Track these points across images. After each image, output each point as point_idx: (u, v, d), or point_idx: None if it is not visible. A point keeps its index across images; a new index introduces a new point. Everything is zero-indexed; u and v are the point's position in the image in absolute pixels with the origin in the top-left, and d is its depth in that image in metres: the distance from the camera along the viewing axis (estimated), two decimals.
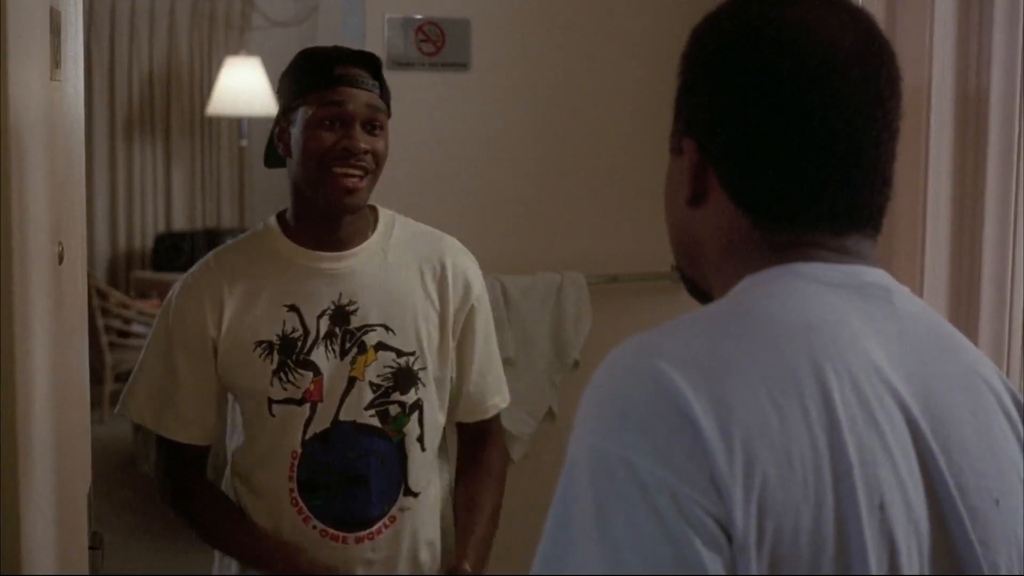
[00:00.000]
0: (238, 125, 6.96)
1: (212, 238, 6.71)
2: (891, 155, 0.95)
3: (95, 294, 5.78)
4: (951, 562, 0.87)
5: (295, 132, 1.76)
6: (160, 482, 1.91)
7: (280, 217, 1.86)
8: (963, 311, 2.21)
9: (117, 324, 5.99)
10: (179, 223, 6.99)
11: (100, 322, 5.82)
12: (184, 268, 7.06)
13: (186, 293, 1.82)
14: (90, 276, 5.96)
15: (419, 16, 2.73)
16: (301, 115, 1.75)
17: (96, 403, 5.66)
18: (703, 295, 1.03)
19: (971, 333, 2.17)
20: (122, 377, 6.00)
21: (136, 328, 6.01)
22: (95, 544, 1.54)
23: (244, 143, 7.01)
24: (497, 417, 1.99)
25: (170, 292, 1.85)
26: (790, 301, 0.90)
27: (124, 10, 6.75)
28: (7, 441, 1.10)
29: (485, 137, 2.84)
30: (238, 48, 6.86)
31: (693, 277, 1.03)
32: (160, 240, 6.73)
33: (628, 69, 2.92)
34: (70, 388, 1.44)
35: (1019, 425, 0.95)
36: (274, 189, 7.04)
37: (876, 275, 0.94)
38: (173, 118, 6.91)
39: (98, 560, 1.54)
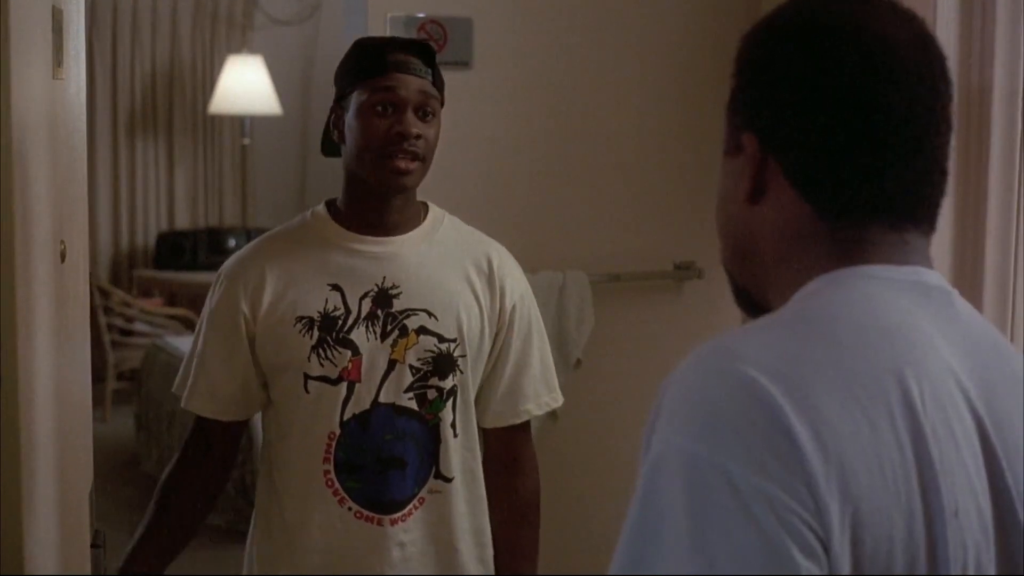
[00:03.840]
0: (240, 124, 6.96)
1: (214, 237, 6.72)
2: (947, 149, 0.96)
3: (97, 293, 5.78)
4: (1011, 566, 0.88)
5: (349, 118, 1.80)
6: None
7: (329, 204, 1.89)
8: None
9: (119, 323, 5.99)
10: (181, 222, 6.99)
11: (102, 321, 5.82)
12: (187, 267, 7.01)
13: (226, 274, 1.86)
14: (92, 275, 5.96)
15: (421, 15, 2.73)
16: (355, 101, 1.79)
17: (98, 402, 5.65)
18: (753, 304, 1.02)
19: None
20: (124, 376, 6.00)
21: (138, 327, 6.01)
22: (97, 542, 1.54)
23: (246, 142, 7.01)
24: (529, 439, 1.99)
25: (217, 272, 1.90)
26: (866, 305, 0.90)
27: (126, 9, 6.75)
28: (9, 440, 1.10)
29: (487, 136, 2.84)
30: (240, 47, 6.87)
31: (745, 283, 1.02)
32: (162, 239, 6.73)
33: (631, 67, 2.92)
34: (72, 386, 1.44)
35: None
36: (277, 188, 7.05)
37: (936, 277, 0.95)
38: (175, 117, 6.91)
39: (100, 558, 1.54)
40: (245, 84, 6.52)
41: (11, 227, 1.08)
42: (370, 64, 1.78)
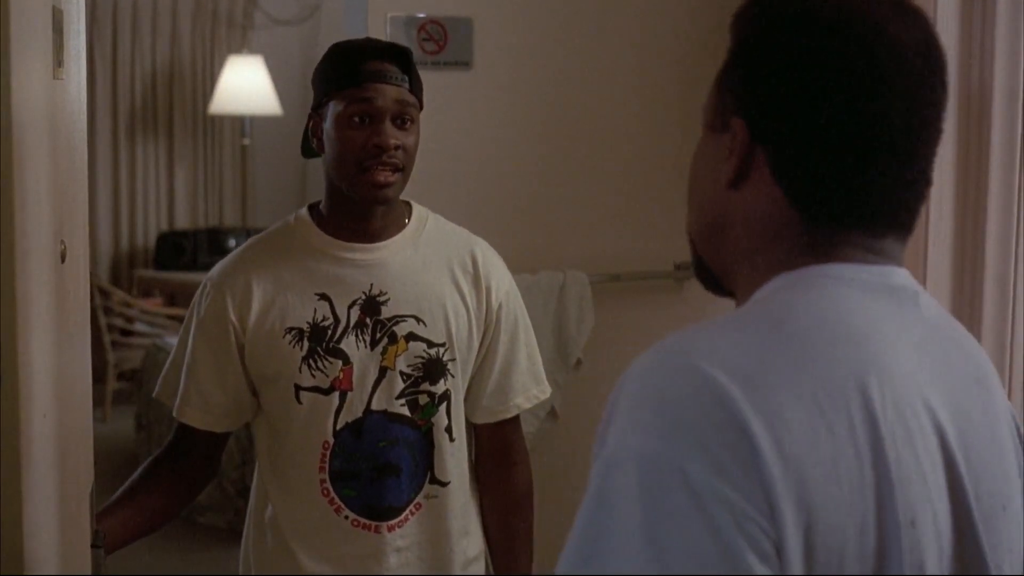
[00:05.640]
0: (241, 124, 6.96)
1: (215, 237, 6.72)
2: (934, 157, 0.94)
3: (98, 293, 5.78)
4: (965, 568, 0.87)
5: (327, 128, 1.78)
6: None
7: (312, 209, 1.88)
8: (966, 310, 2.21)
9: (119, 323, 5.99)
10: (182, 222, 6.99)
11: (103, 321, 5.82)
12: (187, 267, 7.01)
13: (213, 284, 1.84)
14: (93, 275, 5.96)
15: (422, 15, 2.73)
16: (331, 111, 1.77)
17: (98, 402, 5.66)
18: (711, 279, 1.00)
19: (974, 332, 2.17)
20: (124, 376, 6.00)
21: (138, 327, 6.01)
22: (97, 542, 1.54)
23: (247, 142, 7.01)
24: (519, 431, 1.99)
25: (203, 281, 1.89)
26: (830, 307, 0.88)
27: (126, 8, 6.75)
28: (9, 440, 1.10)
29: (487, 136, 2.84)
30: (240, 47, 6.87)
31: (712, 264, 1.00)
32: (163, 239, 6.73)
33: (630, 67, 2.92)
34: (72, 387, 1.44)
35: (1013, 426, 0.95)
36: (277, 188, 7.05)
37: (903, 277, 0.93)
38: (176, 117, 6.91)
39: (100, 558, 1.54)
40: (245, 84, 6.52)
41: (11, 227, 1.08)
42: (345, 73, 1.75)
